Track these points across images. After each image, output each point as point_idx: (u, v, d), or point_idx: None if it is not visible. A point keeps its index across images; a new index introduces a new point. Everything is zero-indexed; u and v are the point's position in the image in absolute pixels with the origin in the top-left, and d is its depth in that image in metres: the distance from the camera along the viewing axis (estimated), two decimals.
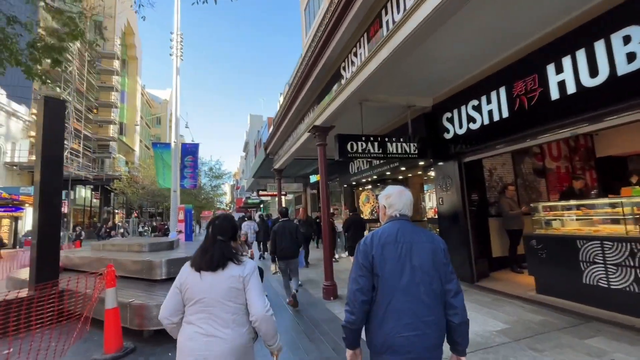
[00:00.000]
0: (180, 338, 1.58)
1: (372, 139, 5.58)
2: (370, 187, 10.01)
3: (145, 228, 24.86)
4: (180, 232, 19.24)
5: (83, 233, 18.74)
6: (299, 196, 22.21)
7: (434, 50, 4.37)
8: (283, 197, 23.88)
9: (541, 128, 4.01)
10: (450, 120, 5.61)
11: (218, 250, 1.64)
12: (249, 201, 28.35)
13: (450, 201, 5.78)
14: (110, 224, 23.13)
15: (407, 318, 1.40)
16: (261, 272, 5.29)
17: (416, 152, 5.84)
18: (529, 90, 4.08)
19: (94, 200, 31.49)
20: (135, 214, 40.75)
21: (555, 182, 6.79)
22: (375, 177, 8.35)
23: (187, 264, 1.67)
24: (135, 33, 38.74)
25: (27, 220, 22.08)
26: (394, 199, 1.63)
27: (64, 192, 22.52)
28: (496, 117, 4.62)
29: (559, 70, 3.71)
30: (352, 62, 4.30)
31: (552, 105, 3.80)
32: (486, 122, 4.81)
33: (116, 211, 36.81)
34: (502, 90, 4.49)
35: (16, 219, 21.22)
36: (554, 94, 3.78)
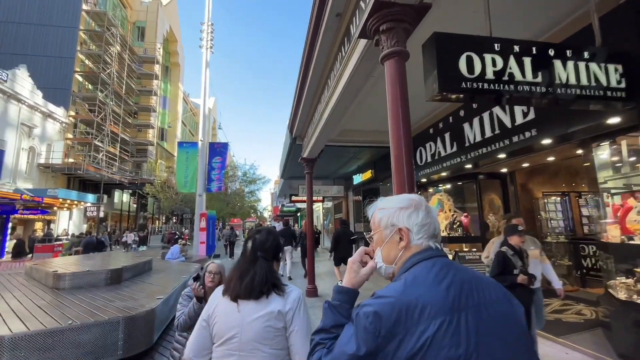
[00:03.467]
0: None
1: (517, 49, 2.28)
2: (449, 186, 6.52)
3: (130, 238, 18.87)
4: (197, 242, 17.06)
5: (105, 240, 16.91)
6: (339, 203, 19.01)
7: None
8: (320, 204, 20.79)
9: None
10: None
11: (260, 272, 1.23)
12: (284, 209, 25.72)
13: None
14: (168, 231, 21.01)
15: None
16: None
17: (620, 82, 2.41)
18: None
19: (134, 205, 31.21)
20: (176, 220, 40.52)
21: None
22: (469, 165, 4.89)
23: (219, 290, 1.29)
24: (177, 40, 39.07)
25: (61, 223, 21.55)
26: (426, 213, 0.86)
27: (96, 196, 21.73)
28: None
29: None
30: None
31: None
32: None
33: (156, 217, 36.65)
34: None
35: (49, 222, 20.68)
36: None
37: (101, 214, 22.95)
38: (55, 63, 22.48)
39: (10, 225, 17.13)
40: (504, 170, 5.79)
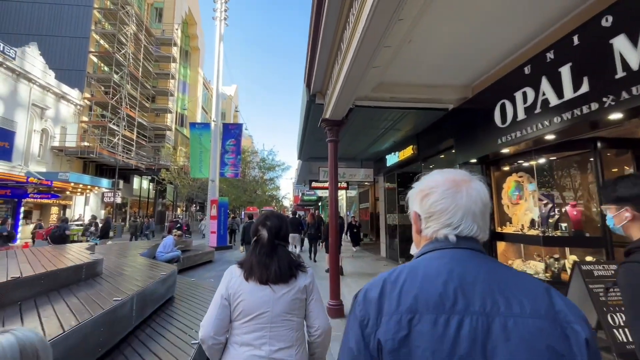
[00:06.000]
0: None
1: None
2: (543, 160, 4.41)
3: (88, 229, 13.35)
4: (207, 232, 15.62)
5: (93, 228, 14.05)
6: (365, 192, 16.99)
7: None
8: (344, 192, 18.72)
9: None
10: None
11: (284, 259, 1.32)
12: (305, 198, 24.04)
13: None
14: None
15: None
16: None
17: None
18: None
19: (154, 192, 30.67)
20: (196, 208, 40.00)
21: None
22: (617, 115, 2.79)
23: (235, 269, 1.31)
24: (197, 23, 37.77)
25: (77, 208, 21.04)
26: (439, 198, 0.67)
27: (110, 181, 20.98)
28: None
29: None
30: None
31: None
32: None
33: (177, 204, 36.18)
34: None
35: (64, 207, 20.19)
36: None
37: (118, 200, 22.27)
38: (69, 43, 21.69)
39: (22, 209, 16.53)
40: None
